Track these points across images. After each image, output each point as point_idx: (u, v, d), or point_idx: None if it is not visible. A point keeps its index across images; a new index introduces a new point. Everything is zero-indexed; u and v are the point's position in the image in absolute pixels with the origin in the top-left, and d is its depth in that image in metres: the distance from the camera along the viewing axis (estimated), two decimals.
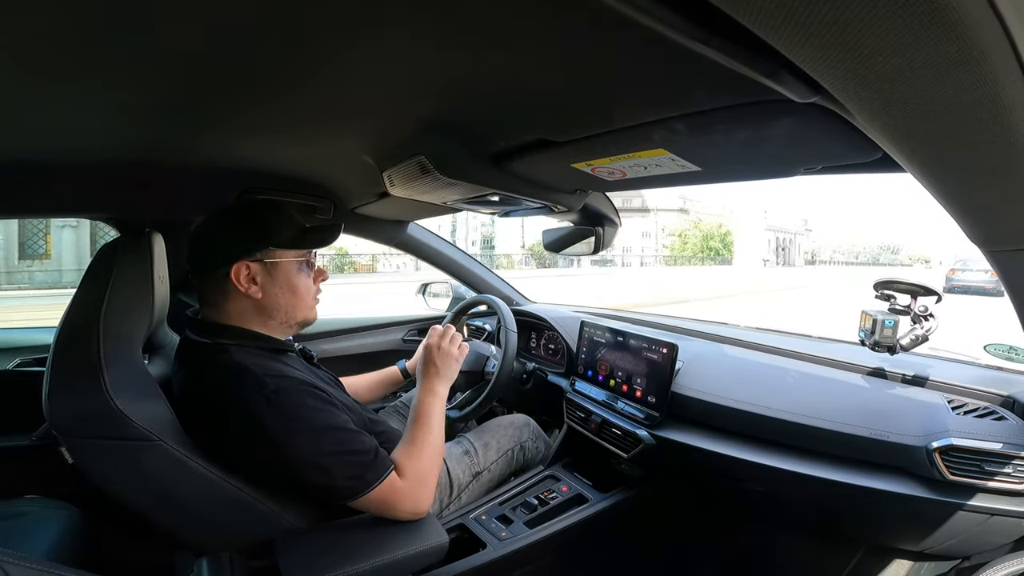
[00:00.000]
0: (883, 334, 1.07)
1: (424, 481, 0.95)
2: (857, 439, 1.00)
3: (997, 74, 0.32)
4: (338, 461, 0.85)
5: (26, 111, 0.75)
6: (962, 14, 0.27)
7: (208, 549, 0.86)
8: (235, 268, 0.88)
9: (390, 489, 0.89)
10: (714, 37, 0.38)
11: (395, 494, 0.90)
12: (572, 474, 1.39)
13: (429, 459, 0.97)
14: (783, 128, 0.56)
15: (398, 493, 0.90)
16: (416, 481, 0.93)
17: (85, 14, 0.47)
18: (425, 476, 0.95)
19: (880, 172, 0.66)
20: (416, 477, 0.93)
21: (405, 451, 0.96)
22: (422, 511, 0.94)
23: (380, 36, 0.52)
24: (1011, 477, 0.89)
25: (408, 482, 0.92)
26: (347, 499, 0.87)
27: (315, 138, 0.94)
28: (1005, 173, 0.45)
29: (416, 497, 0.93)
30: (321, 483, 0.85)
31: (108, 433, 0.78)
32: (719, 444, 1.14)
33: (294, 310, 0.95)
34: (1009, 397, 1.01)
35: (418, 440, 0.98)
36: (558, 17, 0.44)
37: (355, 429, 0.90)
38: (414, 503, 0.92)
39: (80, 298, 0.85)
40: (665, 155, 0.71)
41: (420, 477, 0.94)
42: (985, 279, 13.14)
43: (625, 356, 1.36)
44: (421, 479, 0.94)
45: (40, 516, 1.05)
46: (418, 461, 0.95)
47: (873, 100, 0.38)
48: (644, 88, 0.58)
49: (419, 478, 0.94)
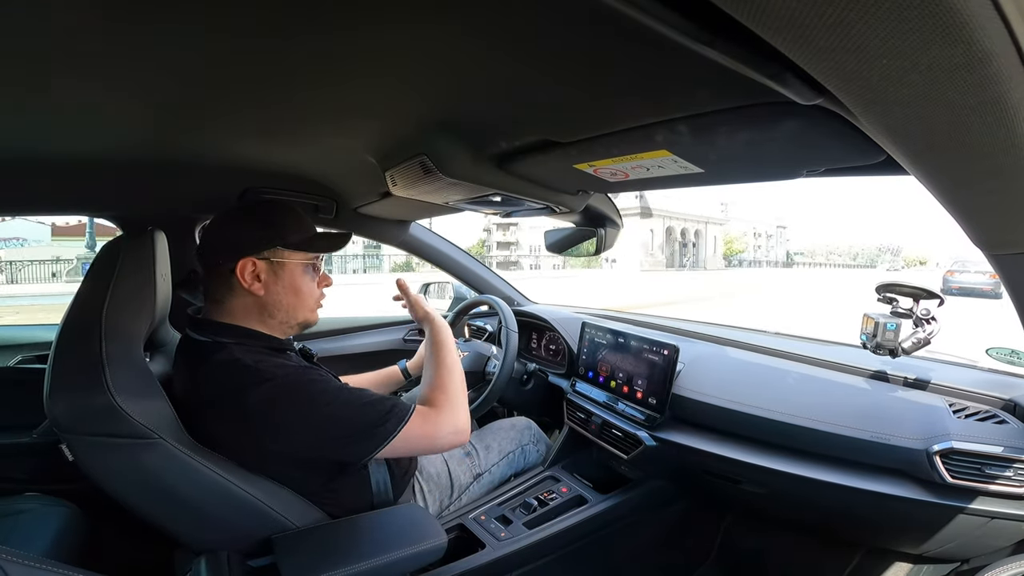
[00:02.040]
0: (885, 337, 1.07)
1: (456, 404, 0.97)
2: (858, 442, 1.00)
3: (1002, 76, 0.32)
4: (361, 411, 0.86)
5: (29, 109, 0.75)
6: (967, 16, 0.27)
7: (207, 548, 0.86)
8: (241, 264, 0.89)
9: (423, 420, 0.90)
10: (718, 39, 0.38)
11: (429, 423, 0.91)
12: (572, 475, 1.39)
13: (456, 387, 1.00)
14: (786, 130, 0.56)
15: (432, 420, 0.91)
16: (449, 405, 0.95)
17: (86, 14, 0.47)
18: (456, 401, 0.98)
19: (884, 175, 0.66)
20: (448, 402, 0.96)
21: (429, 388, 0.99)
22: (463, 429, 0.95)
23: (382, 37, 0.52)
24: (1011, 481, 0.89)
25: (441, 408, 0.94)
26: (381, 442, 0.86)
27: (317, 138, 0.94)
28: (1009, 176, 0.45)
29: (454, 419, 0.94)
30: (346, 442, 0.85)
31: (109, 431, 0.78)
32: (719, 446, 1.14)
33: (295, 311, 0.96)
34: (1010, 401, 1.00)
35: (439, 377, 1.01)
36: (561, 18, 0.44)
37: (368, 392, 0.91)
38: (454, 424, 0.94)
39: (82, 295, 0.85)
40: (668, 156, 0.71)
41: (452, 401, 0.96)
42: (983, 281, 13.11)
43: (626, 357, 1.36)
44: (452, 403, 0.96)
45: (39, 514, 1.05)
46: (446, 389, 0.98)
47: (877, 102, 0.38)
48: (647, 89, 0.57)
49: (451, 402, 0.96)
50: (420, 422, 0.89)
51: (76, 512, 1.09)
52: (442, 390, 0.98)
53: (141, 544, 1.15)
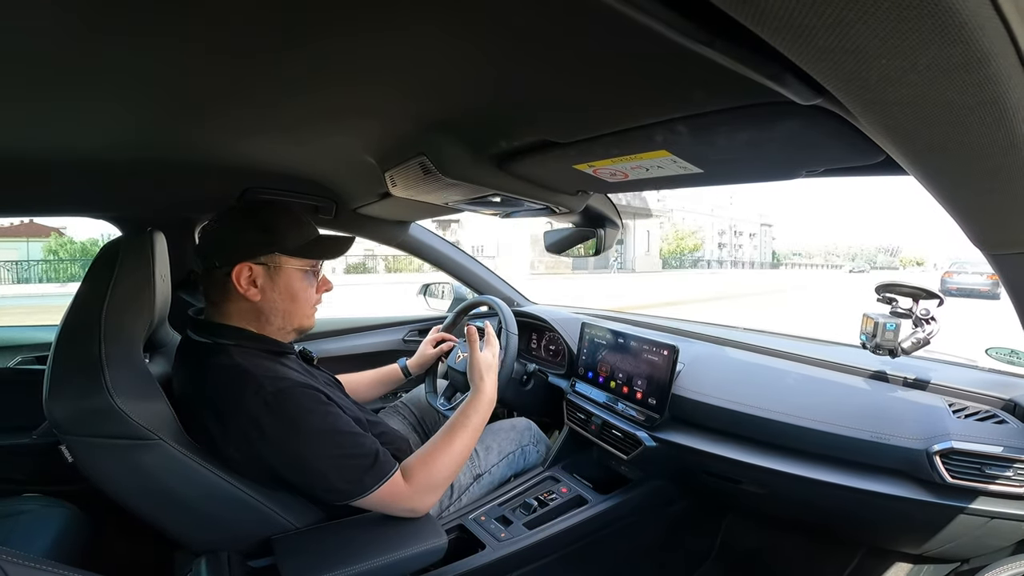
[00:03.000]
0: (885, 337, 1.07)
1: (432, 489, 0.94)
2: (858, 442, 1.00)
3: (1000, 76, 0.32)
4: (337, 464, 0.85)
5: (28, 110, 0.75)
6: (965, 16, 0.27)
7: (207, 548, 0.86)
8: (237, 269, 0.88)
9: (389, 493, 0.88)
10: (717, 39, 0.38)
11: (394, 497, 0.89)
12: (572, 475, 1.39)
13: (446, 467, 0.95)
14: (786, 130, 0.56)
15: (398, 496, 0.89)
16: (422, 488, 0.92)
17: (87, 14, 0.47)
18: (435, 485, 0.95)
19: (883, 175, 0.66)
20: (424, 484, 0.92)
21: (422, 459, 0.95)
22: (419, 513, 0.94)
23: (381, 37, 0.52)
24: (1011, 480, 0.89)
25: (413, 487, 0.91)
26: (346, 500, 0.87)
27: (317, 138, 0.94)
28: (1009, 176, 0.45)
29: (418, 502, 0.92)
30: (320, 485, 0.85)
31: (108, 432, 0.78)
32: (719, 446, 1.14)
33: (291, 316, 0.95)
34: (1010, 401, 1.00)
35: (443, 446, 0.96)
36: (560, 18, 0.44)
37: (356, 431, 0.89)
38: (412, 506, 0.92)
39: (82, 296, 0.85)
40: (667, 157, 0.71)
41: (429, 486, 0.93)
42: (981, 281, 13.15)
43: (626, 358, 1.36)
44: (429, 487, 0.93)
45: (39, 514, 1.05)
46: (432, 469, 0.94)
47: (876, 102, 0.38)
48: (647, 90, 0.57)
49: (427, 486, 0.93)
50: (388, 491, 0.88)
51: (76, 513, 1.09)
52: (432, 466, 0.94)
53: (141, 545, 1.15)
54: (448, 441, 0.97)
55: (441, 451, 0.96)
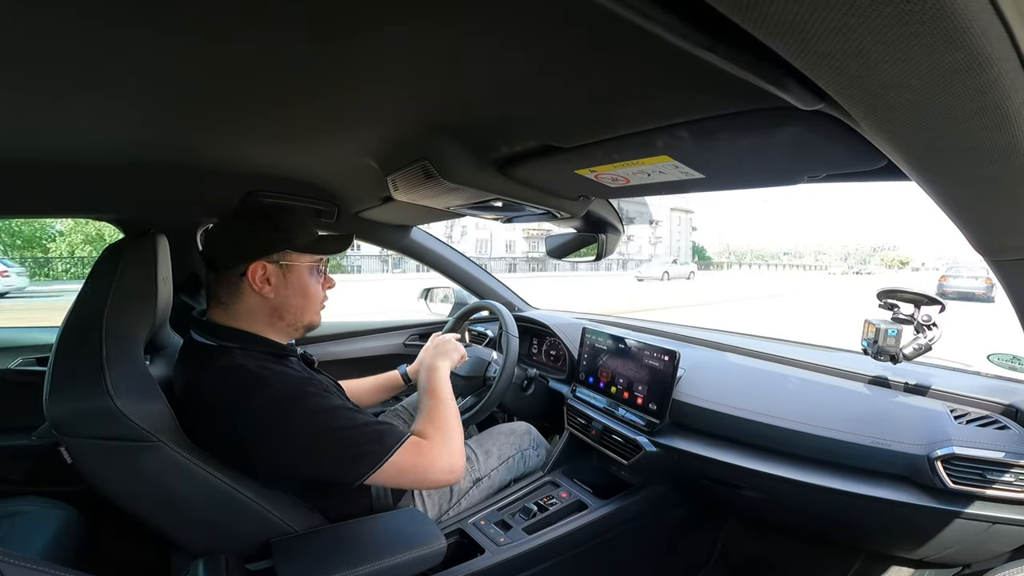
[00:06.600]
0: (886, 343, 1.07)
1: (451, 438, 0.95)
2: (859, 447, 1.00)
3: (1003, 81, 0.32)
4: (352, 434, 0.84)
5: (30, 111, 0.75)
6: (967, 21, 0.27)
7: (205, 551, 0.86)
8: (252, 267, 0.89)
9: (415, 451, 0.88)
10: (719, 44, 0.38)
11: (422, 456, 0.89)
12: (572, 480, 1.39)
13: (449, 422, 0.97)
14: (788, 135, 0.56)
15: (425, 453, 0.89)
16: (442, 440, 0.93)
17: (88, 16, 0.47)
18: (450, 435, 0.95)
19: (885, 180, 0.66)
20: (441, 437, 0.93)
21: (422, 421, 0.97)
22: (457, 468, 0.93)
23: (383, 41, 0.52)
24: (1012, 486, 0.89)
25: (434, 442, 0.91)
26: (371, 468, 0.84)
27: (319, 142, 0.94)
28: (1010, 181, 0.45)
29: (448, 454, 0.92)
30: (337, 460, 0.84)
31: (108, 433, 0.78)
32: (720, 452, 1.14)
33: (303, 313, 0.97)
34: (1011, 406, 1.00)
35: (432, 409, 0.99)
36: (563, 23, 0.45)
37: (365, 411, 0.90)
38: (448, 460, 0.91)
39: (84, 298, 0.85)
40: (669, 162, 0.71)
41: (445, 436, 0.94)
42: (976, 285, 13.16)
43: (627, 363, 1.35)
44: (447, 437, 0.94)
45: (37, 515, 1.05)
46: (440, 423, 0.96)
47: (878, 107, 0.38)
48: (649, 95, 0.58)
49: (444, 437, 0.94)
50: (413, 451, 0.87)
51: (74, 514, 1.09)
52: (437, 421, 0.97)
53: (139, 547, 1.15)
54: (434, 406, 1.00)
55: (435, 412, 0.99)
